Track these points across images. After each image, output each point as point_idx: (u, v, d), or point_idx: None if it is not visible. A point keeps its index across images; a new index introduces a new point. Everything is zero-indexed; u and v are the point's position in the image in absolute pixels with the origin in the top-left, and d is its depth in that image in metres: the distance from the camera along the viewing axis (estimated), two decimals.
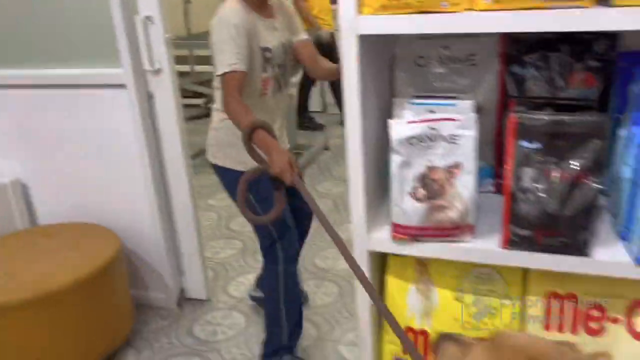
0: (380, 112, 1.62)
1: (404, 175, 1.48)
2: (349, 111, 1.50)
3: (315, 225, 3.47)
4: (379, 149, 1.62)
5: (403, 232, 1.54)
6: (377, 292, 1.75)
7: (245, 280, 2.70)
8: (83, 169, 2.50)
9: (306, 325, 2.38)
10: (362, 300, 1.69)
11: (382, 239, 1.59)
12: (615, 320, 1.52)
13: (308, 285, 2.74)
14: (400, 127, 1.45)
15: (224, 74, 1.93)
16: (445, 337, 1.17)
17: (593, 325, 1.54)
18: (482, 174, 1.78)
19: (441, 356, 1.08)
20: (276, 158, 1.81)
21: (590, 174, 1.37)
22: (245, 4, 2.09)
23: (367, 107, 1.53)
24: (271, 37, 2.17)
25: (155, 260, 2.57)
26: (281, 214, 1.89)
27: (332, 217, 3.51)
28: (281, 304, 2.11)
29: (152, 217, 2.49)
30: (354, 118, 1.49)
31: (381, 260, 1.73)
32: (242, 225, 3.40)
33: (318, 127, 5.58)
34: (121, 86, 2.34)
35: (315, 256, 3.04)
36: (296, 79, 5.22)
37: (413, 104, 1.56)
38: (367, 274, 1.65)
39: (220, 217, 3.06)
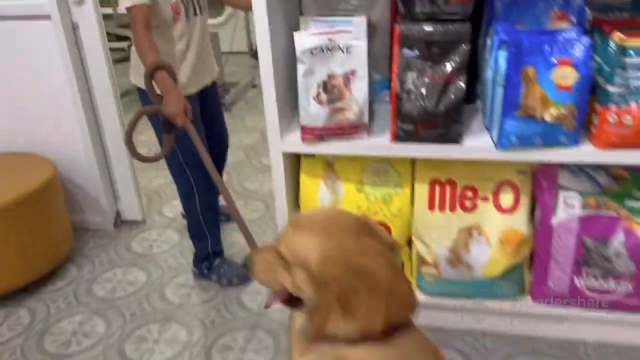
0: (289, 29, 1.84)
1: (308, 82, 1.72)
2: (259, 28, 1.71)
3: (242, 154, 3.71)
4: (290, 64, 1.85)
5: (310, 134, 1.79)
6: (293, 190, 2.01)
7: (177, 203, 2.91)
8: (14, 100, 2.56)
9: (236, 237, 2.64)
10: (281, 213, 1.95)
11: (294, 142, 1.84)
12: (485, 199, 1.86)
13: (238, 204, 2.99)
14: (304, 39, 1.68)
15: (129, 9, 1.95)
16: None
17: (467, 203, 1.87)
18: (380, 86, 2.06)
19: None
20: (172, 100, 1.90)
21: (459, 75, 1.66)
22: None
23: (275, 25, 1.75)
24: None
25: (90, 186, 2.72)
26: (168, 153, 2.08)
27: (260, 148, 3.75)
28: (200, 217, 2.33)
29: (84, 146, 2.62)
30: (263, 33, 1.71)
31: (296, 162, 1.99)
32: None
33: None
34: (46, 17, 2.41)
35: (245, 180, 3.28)
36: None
37: (316, 21, 1.79)
38: (283, 174, 1.91)
39: (150, 150, 3.22)
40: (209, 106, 2.35)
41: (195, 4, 2.14)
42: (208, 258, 2.38)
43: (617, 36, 1.55)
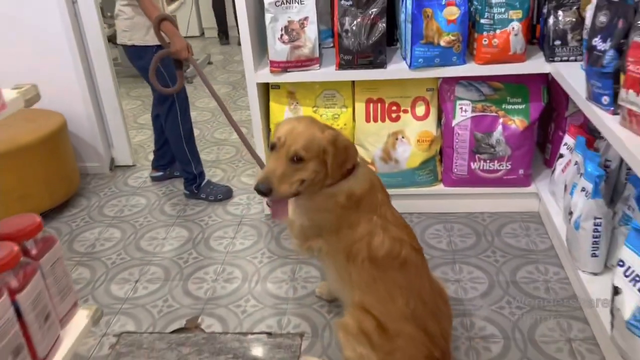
0: None
1: (274, 26, 2.36)
2: None
3: (209, 114, 4.30)
4: (259, 15, 2.48)
5: (277, 66, 2.44)
6: (264, 114, 2.66)
7: None
8: (20, 59, 3.02)
9: (216, 171, 3.26)
10: (257, 132, 2.58)
11: (265, 74, 2.48)
12: (405, 111, 2.56)
13: (213, 149, 3.60)
14: None
15: None
16: None
17: (393, 115, 2.57)
18: (325, 35, 2.72)
19: None
20: (177, 41, 2.49)
21: (381, 18, 2.34)
22: None
23: None
24: None
25: (89, 137, 3.25)
26: (182, 85, 2.69)
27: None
28: (184, 145, 2.94)
29: (85, 103, 3.15)
30: None
31: (266, 93, 2.63)
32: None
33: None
34: None
35: (214, 132, 3.89)
36: None
37: None
38: (257, 102, 2.55)
39: (128, 116, 3.78)
40: None
41: None
42: (195, 179, 2.98)
43: None
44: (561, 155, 2.38)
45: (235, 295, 2.27)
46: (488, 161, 2.54)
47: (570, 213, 2.07)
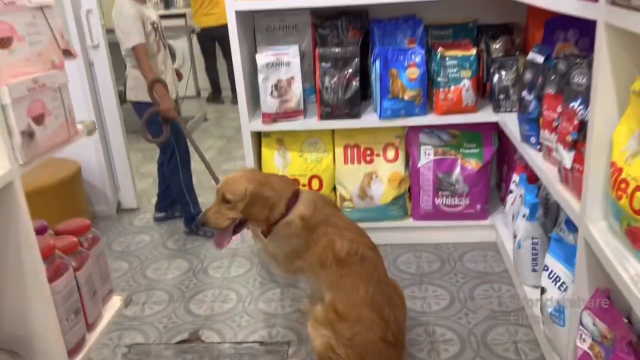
0: (251, 54, 2.95)
1: (265, 85, 2.81)
2: (234, 54, 2.81)
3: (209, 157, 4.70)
4: (252, 75, 2.94)
5: (268, 117, 2.87)
6: (257, 159, 3.07)
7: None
8: None
9: None
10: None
11: (257, 124, 2.91)
12: (378, 155, 2.98)
13: (208, 194, 3.99)
14: (262, 58, 2.79)
15: (134, 47, 3.01)
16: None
17: (368, 158, 2.98)
18: (309, 91, 3.17)
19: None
20: (165, 101, 3.00)
21: (355, 77, 2.80)
22: None
23: (243, 52, 2.85)
24: (152, 14, 3.16)
25: (99, 182, 3.63)
26: (169, 137, 3.16)
27: (218, 159, 4.77)
28: (184, 189, 3.35)
29: (96, 152, 3.56)
30: (236, 55, 2.80)
31: (258, 140, 3.05)
32: (152, 168, 4.58)
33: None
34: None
35: (211, 180, 4.30)
36: None
37: (268, 49, 2.90)
38: (251, 148, 2.96)
39: (136, 160, 4.19)
40: None
41: (164, 43, 3.24)
42: (194, 218, 3.36)
43: (441, 50, 2.74)
44: (511, 191, 2.79)
45: (231, 312, 2.61)
46: (449, 197, 2.94)
47: (515, 236, 2.46)
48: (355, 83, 2.81)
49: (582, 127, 1.69)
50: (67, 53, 1.30)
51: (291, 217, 2.04)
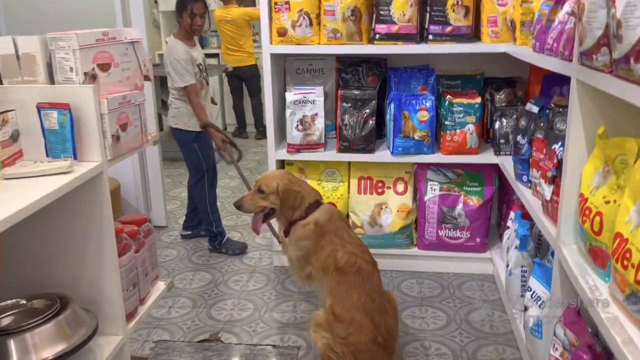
0: (280, 92, 3.32)
1: (292, 119, 3.17)
2: (267, 91, 3.19)
3: (230, 191, 5.06)
4: (280, 110, 3.31)
5: (292, 148, 3.22)
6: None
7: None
8: None
9: (234, 233, 3.97)
10: None
11: (282, 153, 3.26)
12: (389, 187, 3.30)
13: (231, 217, 4.32)
14: (291, 96, 3.16)
15: (185, 87, 3.43)
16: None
17: (379, 190, 3.31)
18: (330, 128, 3.53)
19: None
20: (217, 138, 3.50)
21: (371, 117, 3.15)
22: (181, 40, 3.47)
23: (274, 90, 3.22)
24: (199, 56, 3.56)
25: (133, 200, 3.99)
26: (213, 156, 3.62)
27: (240, 188, 5.12)
28: (209, 210, 3.72)
29: (134, 173, 3.93)
30: (269, 95, 3.18)
31: (282, 167, 3.39)
32: (180, 192, 4.94)
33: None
34: None
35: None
36: None
37: (296, 88, 3.27)
38: None
39: (166, 184, 4.55)
40: None
41: (207, 80, 3.68)
42: (217, 237, 3.68)
43: (449, 97, 3.09)
44: (507, 227, 3.08)
45: (248, 319, 2.89)
46: (452, 230, 3.24)
47: (507, 265, 2.74)
48: (371, 122, 3.16)
49: (560, 165, 2.00)
50: (147, 78, 1.66)
51: (308, 220, 2.40)
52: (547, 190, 2.08)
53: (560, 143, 2.05)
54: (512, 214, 3.02)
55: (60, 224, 1.50)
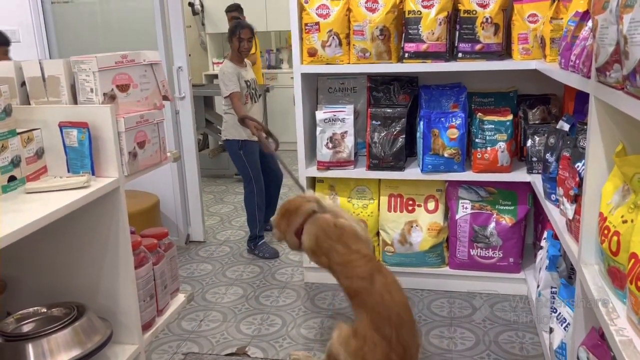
0: (311, 110, 3.38)
1: (322, 137, 3.22)
2: (297, 110, 3.25)
3: None
4: (311, 127, 3.36)
5: (322, 165, 3.26)
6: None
7: (225, 234, 4.35)
8: None
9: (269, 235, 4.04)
10: None
11: (313, 170, 3.30)
12: (419, 205, 3.29)
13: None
14: (321, 114, 3.21)
15: (230, 94, 3.71)
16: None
17: (410, 208, 3.29)
18: (360, 145, 3.55)
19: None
20: (252, 129, 3.56)
21: (401, 134, 3.16)
22: (233, 62, 3.86)
23: (305, 108, 3.28)
24: (248, 75, 3.92)
25: (173, 215, 4.12)
26: (258, 165, 3.81)
27: None
28: (254, 211, 3.88)
29: (173, 189, 4.06)
30: (299, 113, 3.24)
31: (313, 184, 3.44)
32: (220, 208, 5.06)
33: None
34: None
35: None
36: None
37: (326, 106, 3.33)
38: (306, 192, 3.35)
39: (208, 201, 4.68)
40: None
41: (254, 96, 3.97)
42: (255, 239, 3.86)
43: (480, 115, 3.07)
44: (541, 247, 3.01)
45: (275, 334, 2.93)
46: (484, 249, 3.19)
47: (538, 286, 2.67)
48: (401, 139, 3.16)
49: (582, 183, 1.96)
50: (165, 98, 1.74)
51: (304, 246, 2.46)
52: (570, 209, 2.03)
53: (582, 161, 2.00)
54: (545, 234, 2.96)
55: (79, 236, 1.58)
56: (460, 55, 3.03)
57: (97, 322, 1.54)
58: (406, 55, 3.05)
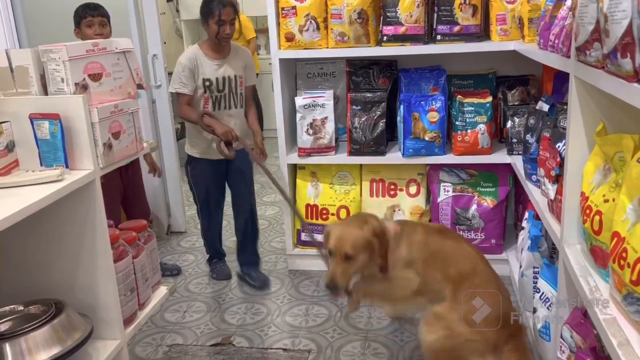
0: (291, 97, 3.34)
1: (302, 123, 3.18)
2: (276, 96, 3.21)
3: None
4: (291, 113, 3.32)
5: (303, 152, 3.23)
6: (292, 189, 3.41)
7: None
8: None
9: None
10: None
11: (294, 157, 3.27)
12: (401, 189, 3.28)
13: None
14: (300, 100, 3.17)
15: (174, 92, 3.02)
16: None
17: (392, 192, 3.28)
18: (341, 131, 3.52)
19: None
20: (219, 130, 2.94)
21: (381, 119, 3.14)
22: (204, 51, 3.02)
23: (284, 94, 3.24)
24: (216, 70, 3.01)
25: (154, 207, 4.06)
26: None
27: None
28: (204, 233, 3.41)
29: (152, 181, 3.99)
30: (279, 99, 3.20)
31: (294, 172, 3.41)
32: None
33: None
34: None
35: None
36: None
37: (306, 92, 3.29)
38: (287, 179, 3.32)
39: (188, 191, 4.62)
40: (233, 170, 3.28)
41: (221, 102, 3.09)
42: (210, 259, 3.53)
43: (459, 97, 3.06)
44: (522, 228, 3.02)
45: (260, 323, 2.91)
46: (466, 231, 3.19)
47: (520, 266, 2.69)
48: (381, 124, 3.14)
49: (563, 163, 1.96)
50: (140, 86, 1.69)
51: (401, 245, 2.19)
52: (551, 190, 2.04)
53: (563, 141, 2.00)
54: (526, 214, 2.97)
55: (54, 231, 1.54)
56: (438, 37, 3.01)
57: (76, 319, 1.50)
58: (385, 38, 3.02)
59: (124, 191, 3.22)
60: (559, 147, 2.03)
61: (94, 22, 3.00)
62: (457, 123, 3.05)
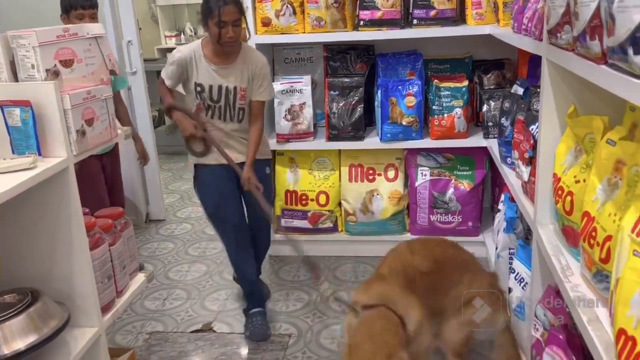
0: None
1: (280, 109, 3.18)
2: None
3: None
4: (269, 101, 3.30)
5: (281, 138, 3.23)
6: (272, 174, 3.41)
7: (185, 211, 4.30)
8: None
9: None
10: None
11: (272, 143, 3.26)
12: (380, 174, 3.30)
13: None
14: (278, 85, 3.16)
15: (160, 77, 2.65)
16: None
17: (370, 177, 3.30)
18: (320, 117, 3.53)
19: None
20: (182, 126, 2.56)
21: (359, 104, 3.15)
22: (206, 55, 2.55)
23: None
24: (207, 78, 2.55)
25: (131, 195, 4.03)
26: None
27: None
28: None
29: (130, 169, 3.95)
30: None
31: (273, 157, 3.39)
32: (179, 186, 4.99)
33: None
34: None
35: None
36: None
37: (284, 77, 3.28)
38: None
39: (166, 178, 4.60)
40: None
41: (215, 113, 2.64)
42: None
43: (436, 82, 3.08)
44: (498, 210, 3.07)
45: (241, 309, 2.92)
46: (443, 214, 3.23)
47: (496, 248, 2.74)
48: (359, 109, 3.15)
49: (536, 145, 1.99)
50: (112, 72, 1.67)
51: None
52: (525, 172, 2.07)
53: (536, 124, 2.03)
54: (502, 197, 3.01)
55: (28, 219, 1.53)
56: (415, 22, 3.02)
57: (52, 307, 1.49)
58: (361, 23, 3.02)
59: (105, 179, 3.17)
60: (532, 129, 2.06)
61: (84, 15, 2.84)
62: (434, 107, 3.07)
